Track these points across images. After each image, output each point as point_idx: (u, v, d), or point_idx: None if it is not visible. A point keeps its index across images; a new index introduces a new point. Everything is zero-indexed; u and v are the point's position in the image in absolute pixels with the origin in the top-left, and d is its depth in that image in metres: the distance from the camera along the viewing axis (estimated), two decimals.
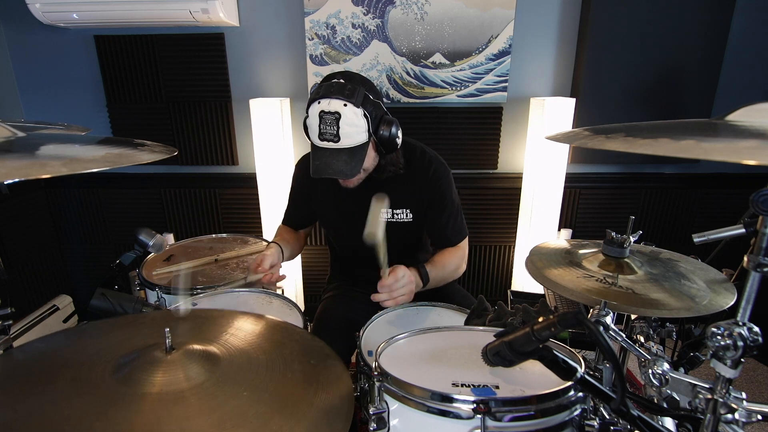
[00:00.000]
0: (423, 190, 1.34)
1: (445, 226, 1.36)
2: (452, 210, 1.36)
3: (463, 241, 1.40)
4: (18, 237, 2.24)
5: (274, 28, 2.14)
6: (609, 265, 1.07)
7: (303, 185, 1.45)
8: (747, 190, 0.69)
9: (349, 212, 1.38)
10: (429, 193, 1.34)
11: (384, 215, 1.07)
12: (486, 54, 2.10)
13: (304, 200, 1.47)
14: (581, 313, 0.66)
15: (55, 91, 2.27)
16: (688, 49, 2.05)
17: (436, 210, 1.35)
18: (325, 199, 1.42)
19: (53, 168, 0.66)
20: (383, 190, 1.30)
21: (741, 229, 0.93)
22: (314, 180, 1.32)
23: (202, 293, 1.34)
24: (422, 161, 1.35)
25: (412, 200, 1.35)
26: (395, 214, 1.35)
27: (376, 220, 1.12)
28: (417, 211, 1.36)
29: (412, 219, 1.36)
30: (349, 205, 1.38)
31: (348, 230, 1.40)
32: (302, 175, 1.44)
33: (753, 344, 0.64)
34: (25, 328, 2.12)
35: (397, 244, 1.35)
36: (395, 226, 1.35)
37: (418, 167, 1.34)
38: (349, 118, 1.11)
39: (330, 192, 1.38)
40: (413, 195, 1.35)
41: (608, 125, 0.80)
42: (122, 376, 0.72)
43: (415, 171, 1.34)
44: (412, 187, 1.34)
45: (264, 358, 0.81)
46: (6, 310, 1.01)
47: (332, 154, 1.15)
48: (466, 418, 0.76)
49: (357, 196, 1.32)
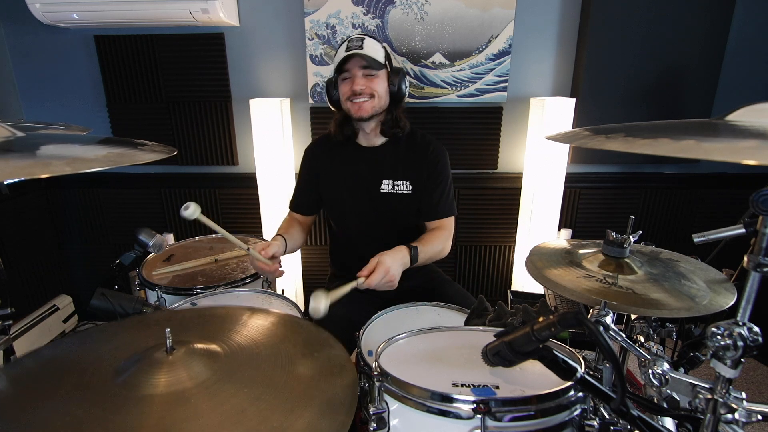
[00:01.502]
0: (422, 164, 1.45)
1: (438, 199, 1.46)
2: (446, 186, 1.47)
3: (450, 220, 1.48)
4: (18, 237, 2.24)
5: (274, 28, 2.14)
6: (609, 265, 1.07)
7: (310, 168, 1.54)
8: (747, 190, 0.69)
9: (353, 185, 1.48)
10: (428, 168, 1.45)
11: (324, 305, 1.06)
12: (486, 54, 2.10)
13: (312, 183, 1.55)
14: (581, 313, 0.66)
15: (55, 91, 2.27)
16: (688, 49, 2.05)
17: (432, 183, 1.46)
18: (332, 176, 1.51)
19: (56, 167, 0.66)
20: (386, 161, 1.46)
21: (741, 229, 0.93)
22: (323, 161, 1.52)
23: (202, 293, 1.34)
24: (423, 140, 1.50)
25: (412, 173, 1.46)
26: (396, 185, 1.46)
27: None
28: (416, 185, 1.46)
29: (411, 191, 1.46)
30: (353, 178, 1.48)
31: (350, 204, 1.50)
32: (309, 159, 1.55)
33: (753, 344, 0.64)
34: (25, 328, 2.12)
35: (396, 218, 1.48)
36: (396, 197, 1.46)
37: (420, 144, 1.48)
38: (370, 42, 1.36)
39: (337, 169, 1.50)
40: (413, 168, 1.46)
41: (608, 125, 0.80)
42: (124, 380, 0.72)
43: (416, 147, 1.48)
44: (413, 161, 1.46)
45: (266, 353, 0.81)
46: (6, 310, 1.01)
47: (356, 56, 1.34)
48: (466, 418, 0.76)
49: (361, 168, 1.47)
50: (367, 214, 1.49)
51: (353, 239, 1.55)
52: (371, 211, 1.48)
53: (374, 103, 1.38)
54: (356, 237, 1.54)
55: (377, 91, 1.37)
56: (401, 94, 1.42)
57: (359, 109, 1.38)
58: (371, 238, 1.48)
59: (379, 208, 1.47)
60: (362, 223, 1.50)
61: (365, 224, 1.50)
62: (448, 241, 1.46)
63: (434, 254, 1.40)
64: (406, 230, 1.51)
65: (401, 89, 1.41)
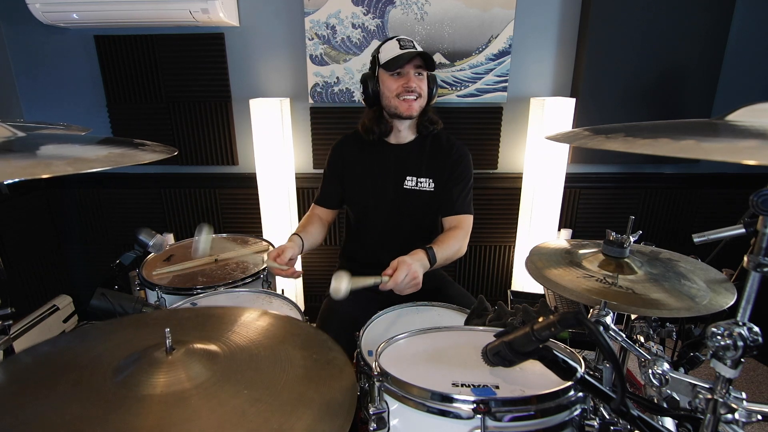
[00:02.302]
0: (446, 163, 1.49)
1: (458, 196, 1.47)
2: (466, 185, 1.50)
3: (468, 219, 1.48)
4: (18, 237, 2.24)
5: (274, 28, 2.14)
6: (609, 265, 1.07)
7: (336, 162, 1.57)
8: (747, 190, 0.69)
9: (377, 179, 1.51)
10: (451, 168, 1.48)
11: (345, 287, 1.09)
12: (486, 54, 2.10)
13: (338, 177, 1.57)
14: (581, 313, 0.66)
15: (55, 91, 2.27)
16: (688, 49, 2.05)
17: (454, 181, 1.48)
18: (357, 170, 1.54)
19: (58, 167, 0.66)
20: (411, 158, 1.50)
21: (741, 229, 0.93)
22: (350, 156, 1.56)
23: (203, 293, 1.34)
24: (449, 142, 1.53)
25: (436, 171, 1.49)
26: (419, 182, 1.49)
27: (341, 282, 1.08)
28: (439, 183, 1.48)
29: (434, 189, 1.48)
30: (377, 173, 1.51)
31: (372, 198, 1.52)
32: (336, 154, 1.59)
33: (753, 344, 0.64)
34: (25, 328, 2.11)
35: (417, 214, 1.50)
36: (418, 194, 1.49)
37: (446, 145, 1.52)
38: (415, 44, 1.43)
39: (362, 164, 1.54)
40: (438, 167, 1.49)
41: (608, 125, 0.80)
42: (123, 378, 0.72)
43: (441, 146, 1.51)
44: (438, 160, 1.49)
45: (266, 354, 0.80)
46: (6, 310, 1.01)
47: (416, 54, 1.39)
48: (466, 418, 0.76)
49: (386, 163, 1.51)
50: (389, 209, 1.50)
51: (373, 235, 1.56)
52: (393, 206, 1.50)
53: (421, 102, 1.44)
54: (376, 233, 1.55)
55: (424, 90, 1.44)
56: (434, 95, 1.49)
57: (409, 108, 1.42)
58: (391, 234, 1.52)
59: (401, 205, 1.49)
60: (383, 218, 1.52)
61: (386, 220, 1.52)
62: (465, 240, 1.45)
63: (451, 254, 1.38)
64: (425, 229, 1.53)
65: (435, 90, 1.48)
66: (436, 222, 1.55)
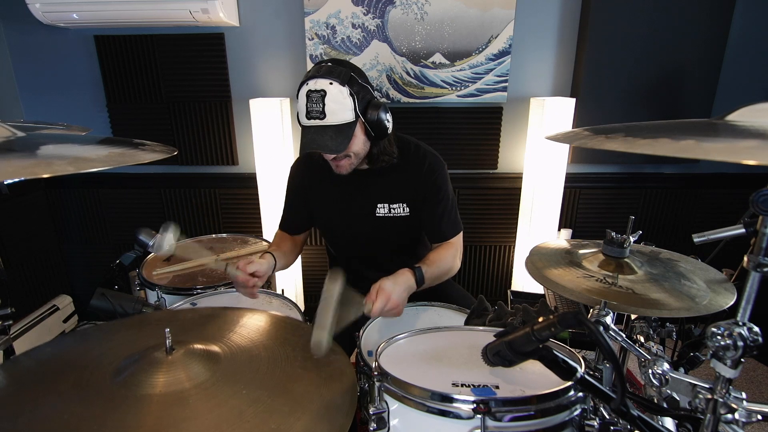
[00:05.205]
0: (418, 183, 1.33)
1: (440, 219, 1.34)
2: (447, 203, 1.35)
3: (458, 237, 1.38)
4: (18, 237, 2.24)
5: (274, 28, 2.14)
6: (609, 265, 1.07)
7: (300, 186, 1.44)
8: (747, 190, 0.69)
9: (347, 209, 1.37)
10: (424, 186, 1.33)
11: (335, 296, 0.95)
12: (486, 54, 2.10)
13: (301, 202, 1.45)
14: (581, 313, 0.66)
15: (55, 91, 2.27)
16: (688, 49, 2.05)
17: (431, 203, 1.34)
18: (322, 198, 1.41)
19: (58, 167, 0.66)
20: (379, 183, 1.33)
21: (741, 229, 0.92)
22: (311, 180, 1.38)
23: (202, 293, 1.34)
24: (417, 155, 1.35)
25: (408, 194, 1.34)
26: (392, 209, 1.35)
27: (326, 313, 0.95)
28: (413, 205, 1.35)
29: (409, 213, 1.35)
30: (346, 202, 1.37)
31: (345, 229, 1.41)
32: (298, 176, 1.44)
33: (753, 344, 0.64)
34: (25, 328, 2.11)
35: (396, 239, 1.39)
36: (393, 220, 1.35)
37: (413, 161, 1.34)
38: (335, 95, 1.12)
39: (327, 191, 1.39)
40: (409, 189, 1.34)
41: (608, 125, 0.80)
42: (123, 379, 0.72)
43: (410, 164, 1.34)
44: (407, 180, 1.34)
45: (265, 354, 0.81)
46: (6, 310, 1.01)
47: (318, 130, 1.15)
48: (466, 418, 0.76)
49: (354, 191, 1.35)
50: (363, 237, 1.40)
51: (354, 261, 1.47)
52: (368, 234, 1.39)
53: (352, 160, 1.25)
54: (357, 260, 1.46)
55: (353, 151, 1.22)
56: (383, 131, 1.22)
57: (338, 167, 1.26)
58: (370, 260, 1.43)
59: (376, 232, 1.37)
60: (359, 246, 1.43)
61: (362, 247, 1.43)
62: (457, 258, 1.35)
63: (442, 273, 1.28)
64: (406, 250, 1.44)
65: (382, 127, 1.20)
66: (418, 240, 1.47)
